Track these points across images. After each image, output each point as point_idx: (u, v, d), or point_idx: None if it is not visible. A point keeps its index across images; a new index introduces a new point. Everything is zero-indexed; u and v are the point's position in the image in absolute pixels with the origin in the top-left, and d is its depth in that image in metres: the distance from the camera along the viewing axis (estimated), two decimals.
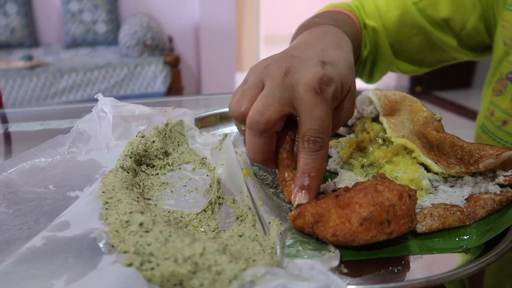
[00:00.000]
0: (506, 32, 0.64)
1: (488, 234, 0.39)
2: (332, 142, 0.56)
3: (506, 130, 0.63)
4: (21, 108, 1.44)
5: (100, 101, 0.54)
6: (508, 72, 0.63)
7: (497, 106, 0.65)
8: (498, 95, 0.65)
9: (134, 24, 3.08)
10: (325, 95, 0.42)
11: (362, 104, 0.58)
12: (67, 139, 0.52)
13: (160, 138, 0.51)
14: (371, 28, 0.74)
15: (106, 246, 0.34)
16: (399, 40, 0.74)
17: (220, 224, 0.41)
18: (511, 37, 0.64)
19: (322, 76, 0.42)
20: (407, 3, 0.72)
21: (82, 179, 0.46)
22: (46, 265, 0.32)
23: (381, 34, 0.73)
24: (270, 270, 0.31)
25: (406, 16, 0.72)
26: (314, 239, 0.39)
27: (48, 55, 3.09)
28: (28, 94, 2.78)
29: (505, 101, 0.64)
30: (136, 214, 0.36)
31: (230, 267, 0.31)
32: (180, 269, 0.31)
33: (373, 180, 0.40)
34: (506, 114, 0.63)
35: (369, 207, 0.35)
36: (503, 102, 0.64)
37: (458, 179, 0.48)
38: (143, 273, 0.31)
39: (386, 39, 0.74)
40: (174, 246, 0.32)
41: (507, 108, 0.63)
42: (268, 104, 0.42)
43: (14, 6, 3.11)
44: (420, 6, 0.71)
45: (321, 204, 0.38)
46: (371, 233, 0.35)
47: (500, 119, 0.64)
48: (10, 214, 0.41)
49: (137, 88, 3.01)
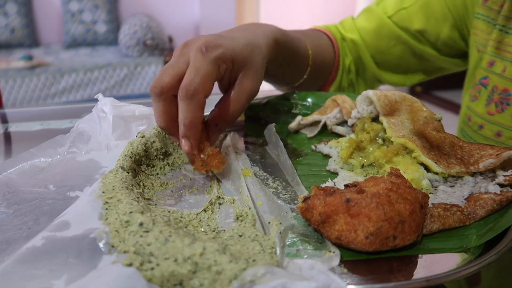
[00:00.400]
0: (478, 39, 0.67)
1: (488, 234, 0.39)
2: (332, 142, 0.56)
3: (483, 134, 0.65)
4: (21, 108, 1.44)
5: (100, 101, 0.54)
6: (481, 78, 0.65)
7: (473, 111, 0.67)
8: (474, 100, 0.67)
9: (134, 24, 3.08)
10: (208, 55, 0.46)
11: (362, 104, 0.58)
12: (67, 139, 0.52)
13: (160, 138, 0.51)
14: (350, 40, 0.79)
15: (106, 246, 0.34)
16: (380, 52, 0.79)
17: (220, 224, 0.41)
18: (482, 44, 0.66)
19: (210, 40, 0.48)
20: (382, 17, 0.77)
21: (82, 179, 0.46)
22: (46, 265, 0.32)
23: (361, 46, 0.78)
24: (270, 270, 0.31)
25: (382, 28, 0.77)
26: (314, 239, 0.39)
27: (48, 55, 3.09)
28: (28, 94, 2.78)
29: (479, 106, 0.65)
30: (136, 214, 0.36)
31: (230, 267, 0.31)
32: (180, 269, 0.31)
33: (388, 177, 0.40)
34: (482, 119, 0.65)
35: (378, 223, 0.35)
36: (478, 107, 0.66)
37: (458, 179, 0.48)
38: (143, 273, 0.31)
39: (367, 50, 0.79)
40: (174, 246, 0.32)
41: (482, 113, 0.65)
42: (164, 71, 0.47)
43: (14, 6, 3.11)
44: (394, 20, 0.76)
45: (330, 204, 0.37)
46: (374, 246, 0.36)
47: (476, 124, 0.66)
48: (10, 214, 0.41)
49: (137, 88, 3.01)
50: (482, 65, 0.66)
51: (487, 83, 0.64)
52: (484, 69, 0.65)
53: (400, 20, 0.76)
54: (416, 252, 0.38)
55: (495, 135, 0.63)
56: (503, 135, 0.62)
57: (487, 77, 0.65)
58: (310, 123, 0.62)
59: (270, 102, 0.66)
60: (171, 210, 0.41)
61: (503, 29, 0.62)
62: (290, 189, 0.47)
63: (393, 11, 0.76)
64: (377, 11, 0.78)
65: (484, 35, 0.65)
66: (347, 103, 0.61)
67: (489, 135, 0.64)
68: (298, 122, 0.61)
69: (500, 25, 0.62)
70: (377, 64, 0.80)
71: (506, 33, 0.62)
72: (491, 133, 0.63)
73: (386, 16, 0.76)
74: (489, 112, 0.63)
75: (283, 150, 0.53)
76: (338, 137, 0.59)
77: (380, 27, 0.77)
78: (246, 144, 0.57)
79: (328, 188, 0.41)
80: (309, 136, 0.61)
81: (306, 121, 0.61)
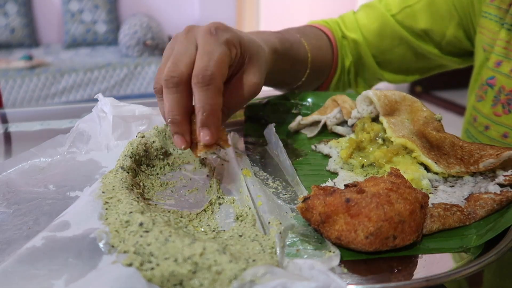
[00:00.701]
0: (485, 38, 0.65)
1: (488, 234, 0.39)
2: (332, 142, 0.56)
3: (489, 135, 0.64)
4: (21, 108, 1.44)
5: (100, 101, 0.54)
6: (488, 78, 0.64)
7: (479, 111, 0.66)
8: (480, 101, 0.66)
9: (134, 24, 3.08)
10: (219, 37, 0.45)
11: (362, 104, 0.58)
12: (67, 139, 0.52)
13: (160, 138, 0.51)
14: (351, 40, 0.77)
15: (106, 246, 0.34)
16: (382, 51, 0.77)
17: (220, 224, 0.41)
18: (489, 43, 0.65)
19: (218, 24, 0.47)
20: (386, 15, 0.75)
21: (82, 179, 0.46)
22: (46, 265, 0.32)
23: (363, 46, 0.76)
24: (270, 270, 0.31)
25: (385, 27, 0.75)
26: (314, 239, 0.39)
27: (48, 55, 3.09)
28: (28, 94, 2.78)
29: (486, 107, 0.64)
30: (136, 214, 0.36)
31: (230, 267, 0.31)
32: (180, 269, 0.31)
33: (388, 177, 0.40)
34: (488, 119, 0.64)
35: (378, 223, 0.35)
36: (484, 107, 0.65)
37: (458, 179, 0.48)
38: (143, 273, 0.31)
39: (368, 50, 0.77)
40: (174, 246, 0.32)
41: (488, 114, 0.64)
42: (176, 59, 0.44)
43: (14, 6, 3.11)
44: (398, 18, 0.74)
45: (330, 204, 0.37)
46: (374, 246, 0.36)
47: (482, 124, 0.65)
48: (10, 214, 0.41)
49: (137, 88, 3.01)
50: (489, 65, 0.65)
51: (494, 83, 0.63)
52: (491, 69, 0.64)
53: (404, 19, 0.74)
54: (416, 252, 0.38)
55: (501, 137, 0.62)
56: (509, 136, 0.61)
57: (494, 77, 0.63)
58: (310, 123, 0.62)
59: (270, 102, 0.66)
60: (171, 210, 0.41)
61: (511, 29, 0.61)
62: (290, 189, 0.47)
63: (398, 9, 0.74)
64: (380, 8, 0.75)
65: (491, 35, 0.64)
66: (347, 103, 0.61)
67: (495, 136, 0.63)
68: (298, 122, 0.61)
69: (508, 24, 0.61)
70: (378, 64, 0.79)
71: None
72: (497, 134, 0.62)
73: (389, 14, 0.74)
74: (495, 113, 0.62)
75: (282, 150, 0.53)
76: (338, 137, 0.59)
77: (383, 27, 0.75)
78: (246, 144, 0.57)
79: (328, 187, 0.41)
80: (309, 136, 0.61)
81: (306, 121, 0.61)
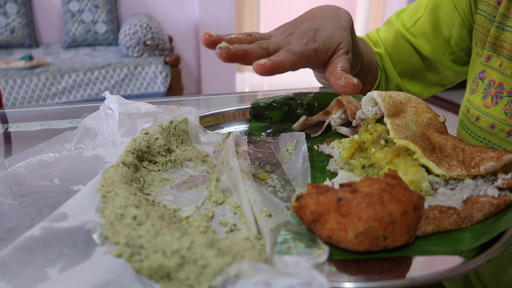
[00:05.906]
0: (478, 34, 0.70)
1: (483, 237, 0.38)
2: (335, 143, 0.56)
3: (479, 126, 0.68)
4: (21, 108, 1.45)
5: (107, 98, 0.55)
6: (480, 72, 0.68)
7: (472, 103, 0.70)
8: (473, 93, 0.70)
9: (134, 24, 3.06)
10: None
11: (367, 105, 0.58)
12: (74, 135, 0.54)
13: (164, 135, 0.52)
14: (377, 54, 0.82)
15: (100, 238, 0.35)
16: (399, 61, 0.82)
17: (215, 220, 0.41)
18: (481, 39, 0.69)
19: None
20: (399, 28, 0.80)
21: (86, 174, 0.48)
22: (42, 254, 0.33)
23: (385, 58, 0.82)
24: (255, 265, 0.31)
25: (399, 39, 0.80)
26: (307, 237, 0.39)
27: (48, 55, 3.08)
28: (28, 94, 2.78)
29: (477, 99, 0.68)
30: (131, 208, 0.37)
31: (215, 261, 0.31)
32: (167, 261, 0.32)
33: (383, 179, 0.40)
34: (479, 111, 0.68)
35: (368, 222, 0.35)
36: (476, 99, 0.69)
37: (459, 182, 0.47)
38: (132, 264, 0.32)
39: (390, 61, 0.82)
40: (164, 239, 0.33)
41: (479, 105, 0.68)
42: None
43: (14, 6, 3.11)
44: (412, 31, 0.79)
45: (322, 203, 0.38)
46: (364, 246, 0.36)
47: (474, 115, 0.69)
48: (15, 206, 0.42)
49: (137, 88, 3.00)
50: (481, 60, 0.69)
51: (484, 76, 0.67)
52: (482, 64, 0.68)
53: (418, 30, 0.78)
54: (408, 253, 0.38)
55: (489, 127, 0.66)
56: (496, 127, 0.65)
57: (484, 71, 0.68)
58: (315, 123, 0.62)
59: (275, 102, 0.66)
60: (167, 206, 0.42)
61: (499, 26, 0.65)
62: (288, 188, 0.48)
63: (411, 22, 0.79)
64: (396, 23, 0.81)
65: (483, 31, 0.68)
66: (352, 104, 0.61)
67: (484, 126, 0.67)
68: (302, 122, 0.61)
69: (497, 22, 0.65)
70: (399, 74, 0.84)
71: (502, 30, 0.64)
72: (486, 125, 0.67)
73: (404, 28, 0.80)
74: (485, 105, 0.67)
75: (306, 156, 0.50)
76: (342, 137, 0.59)
77: (396, 38, 0.80)
78: (250, 143, 0.58)
79: (322, 186, 0.41)
80: (312, 136, 0.61)
81: (311, 121, 0.62)
